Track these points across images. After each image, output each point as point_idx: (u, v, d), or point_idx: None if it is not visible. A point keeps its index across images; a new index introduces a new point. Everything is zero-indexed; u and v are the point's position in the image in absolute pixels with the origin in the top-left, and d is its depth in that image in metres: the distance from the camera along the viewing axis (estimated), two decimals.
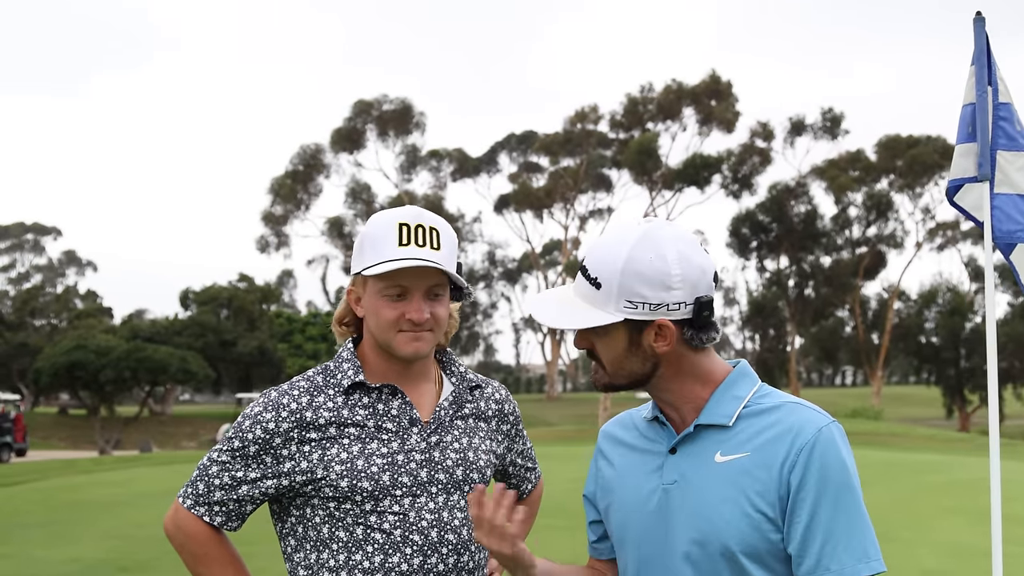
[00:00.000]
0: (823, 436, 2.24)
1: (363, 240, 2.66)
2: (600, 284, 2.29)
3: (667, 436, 2.41)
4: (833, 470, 2.22)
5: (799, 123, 78.40)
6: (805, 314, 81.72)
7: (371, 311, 2.67)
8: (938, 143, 76.39)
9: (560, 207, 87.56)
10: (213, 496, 2.63)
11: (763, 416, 2.31)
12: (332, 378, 2.69)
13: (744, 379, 2.39)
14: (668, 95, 76.08)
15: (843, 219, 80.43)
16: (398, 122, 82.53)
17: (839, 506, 2.20)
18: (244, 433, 2.63)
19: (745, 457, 2.27)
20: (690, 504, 2.30)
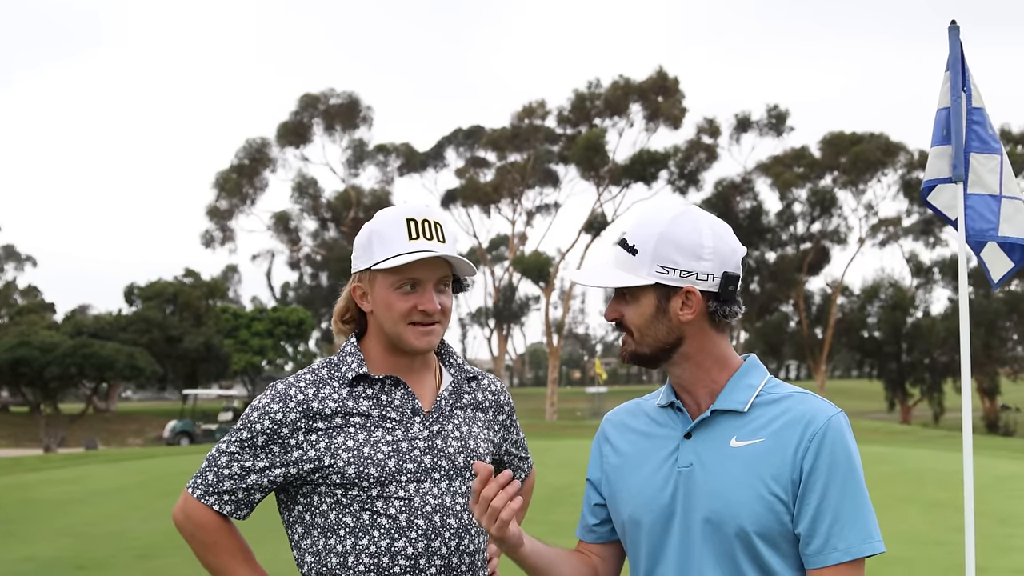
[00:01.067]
0: (832, 424, 2.38)
1: (371, 236, 2.76)
2: (636, 250, 2.45)
3: (682, 421, 2.53)
4: (841, 456, 2.36)
5: (745, 120, 78.98)
6: (750, 309, 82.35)
7: (382, 305, 2.75)
8: (881, 140, 77.29)
9: (507, 202, 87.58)
10: (222, 486, 2.71)
11: (775, 404, 2.45)
12: (336, 371, 2.78)
13: (756, 369, 2.55)
14: (615, 91, 76.34)
15: (788, 215, 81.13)
16: (345, 116, 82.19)
17: (846, 490, 2.34)
18: (253, 424, 2.71)
19: (760, 443, 2.40)
20: (707, 486, 2.41)
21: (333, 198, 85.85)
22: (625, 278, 2.46)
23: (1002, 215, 5.33)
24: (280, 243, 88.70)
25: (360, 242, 2.80)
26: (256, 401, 2.76)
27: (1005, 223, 5.33)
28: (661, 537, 2.48)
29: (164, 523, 13.39)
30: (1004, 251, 5.47)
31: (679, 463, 2.48)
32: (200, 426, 52.67)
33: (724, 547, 2.38)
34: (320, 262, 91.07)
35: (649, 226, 2.46)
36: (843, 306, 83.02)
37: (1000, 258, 5.54)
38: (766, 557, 2.37)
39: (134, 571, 10.28)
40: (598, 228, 78.07)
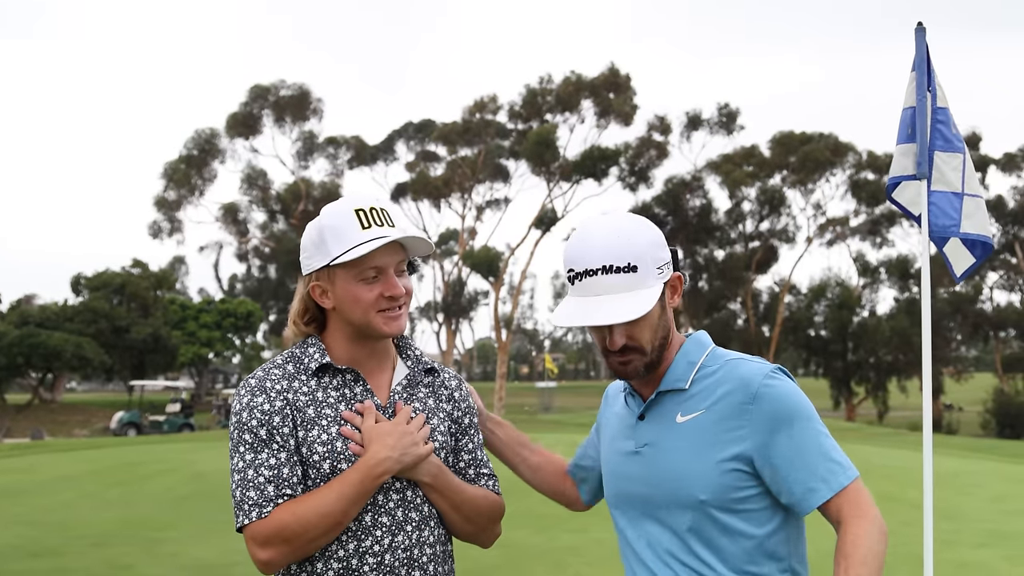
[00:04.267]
0: (768, 382, 2.50)
1: (322, 233, 2.73)
2: (636, 266, 2.50)
3: (637, 404, 2.70)
4: (790, 405, 2.48)
5: (696, 118, 79.44)
6: (698, 306, 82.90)
7: (347, 298, 2.73)
8: (830, 140, 78.05)
9: (457, 197, 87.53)
10: (267, 492, 2.58)
11: (712, 376, 2.57)
12: (300, 363, 2.75)
13: (696, 346, 2.67)
14: (567, 87, 76.47)
15: (737, 213, 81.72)
16: (295, 108, 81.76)
17: (806, 433, 2.47)
18: (247, 422, 2.65)
19: (702, 414, 2.53)
20: (660, 464, 2.57)
21: (283, 190, 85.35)
22: (646, 296, 2.50)
23: (964, 212, 5.51)
24: (228, 235, 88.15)
25: (311, 241, 2.76)
26: (236, 404, 2.70)
27: (966, 220, 5.52)
28: (630, 514, 2.67)
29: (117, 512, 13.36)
30: (967, 247, 5.67)
31: (636, 444, 2.65)
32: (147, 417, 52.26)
33: (686, 518, 2.52)
34: (268, 254, 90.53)
35: (632, 242, 2.52)
36: (790, 304, 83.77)
37: (963, 254, 5.72)
38: (726, 521, 2.49)
39: (88, 558, 10.24)
40: (548, 224, 78.17)
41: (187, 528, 11.91)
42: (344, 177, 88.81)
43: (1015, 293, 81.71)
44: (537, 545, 10.99)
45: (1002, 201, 78.36)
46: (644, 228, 2.56)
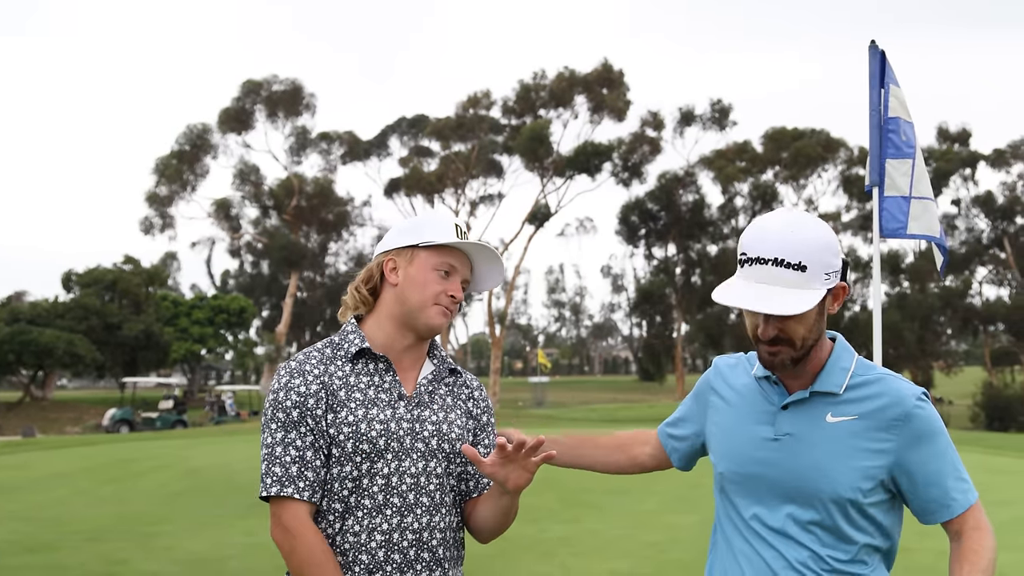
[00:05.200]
0: (917, 403, 2.68)
1: (421, 221, 3.03)
2: (806, 266, 2.57)
3: (778, 393, 2.80)
4: (935, 428, 2.68)
5: (689, 113, 79.61)
6: (691, 301, 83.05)
7: (416, 282, 2.95)
8: (821, 136, 78.31)
9: (451, 192, 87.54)
10: (291, 471, 2.76)
11: (867, 386, 2.72)
12: (340, 349, 2.93)
13: (846, 352, 2.80)
14: (560, 82, 76.52)
15: (729, 208, 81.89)
16: (288, 103, 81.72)
17: (945, 453, 2.69)
18: (282, 403, 2.82)
19: (854, 420, 2.69)
20: (804, 457, 2.71)
21: (275, 186, 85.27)
22: (807, 300, 2.57)
23: (911, 214, 5.91)
24: (221, 230, 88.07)
25: (407, 224, 3.04)
26: (274, 384, 2.86)
27: (913, 222, 5.92)
28: (760, 493, 2.78)
29: (111, 508, 13.38)
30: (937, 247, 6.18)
31: (776, 431, 2.77)
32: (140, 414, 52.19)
33: (821, 509, 2.68)
34: (261, 250, 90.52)
35: (807, 240, 2.58)
36: None
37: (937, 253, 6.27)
38: (851, 519, 2.69)
39: (83, 554, 10.26)
40: (542, 219, 78.24)
41: (181, 523, 11.94)
42: (337, 172, 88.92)
43: (1004, 288, 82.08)
44: (528, 535, 11.02)
45: (991, 197, 78.64)
46: (822, 232, 2.62)
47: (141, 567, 9.65)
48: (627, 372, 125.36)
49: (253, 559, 9.87)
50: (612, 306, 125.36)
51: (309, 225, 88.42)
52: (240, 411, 57.09)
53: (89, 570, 9.54)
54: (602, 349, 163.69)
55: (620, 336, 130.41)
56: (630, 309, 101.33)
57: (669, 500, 13.53)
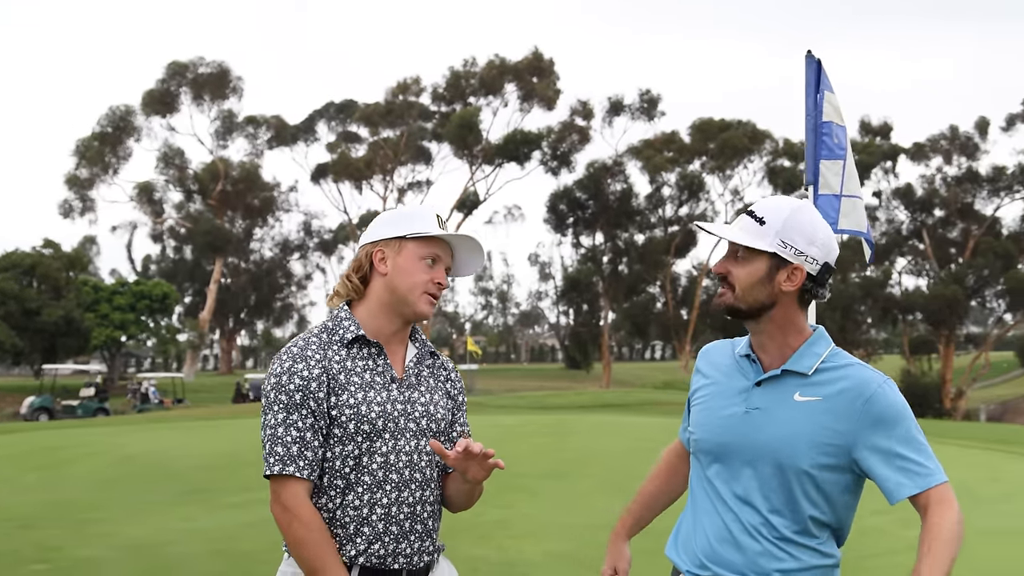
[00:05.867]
0: (881, 389, 2.90)
1: (407, 213, 3.20)
2: (764, 221, 2.92)
3: (755, 371, 3.04)
4: (898, 410, 2.90)
5: (618, 103, 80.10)
6: (618, 290, 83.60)
7: (405, 269, 3.13)
8: (748, 128, 79.20)
9: (379, 178, 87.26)
10: (292, 451, 2.95)
11: (835, 371, 2.96)
12: (334, 335, 3.11)
13: (822, 340, 3.05)
14: (491, 70, 76.62)
15: (657, 198, 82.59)
16: (214, 86, 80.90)
17: (908, 435, 2.88)
18: (285, 386, 2.99)
19: (819, 401, 2.92)
20: (771, 429, 2.94)
21: (200, 170, 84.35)
22: (750, 240, 2.92)
23: (841, 211, 6.41)
24: (143, 215, 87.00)
25: (393, 215, 3.22)
26: (276, 368, 3.03)
27: (843, 218, 6.42)
28: (729, 462, 3.02)
29: (39, 495, 13.08)
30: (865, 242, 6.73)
31: (748, 405, 3.00)
32: (60, 402, 51.24)
33: (780, 479, 2.92)
34: (184, 235, 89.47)
35: (779, 207, 2.95)
36: (708, 288, 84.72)
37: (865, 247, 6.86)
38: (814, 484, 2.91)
39: (16, 540, 10.02)
40: (470, 206, 78.33)
41: (117, 509, 11.73)
42: (264, 157, 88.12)
43: (923, 278, 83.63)
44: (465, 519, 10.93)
45: (911, 189, 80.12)
46: (807, 217, 2.96)
47: (77, 553, 9.47)
48: (554, 360, 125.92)
49: (192, 544, 9.75)
50: (539, 294, 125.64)
51: (234, 210, 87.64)
52: (164, 399, 56.28)
53: (23, 556, 9.33)
54: (529, 337, 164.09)
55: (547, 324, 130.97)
56: (557, 297, 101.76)
57: (602, 484, 13.59)
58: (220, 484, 13.29)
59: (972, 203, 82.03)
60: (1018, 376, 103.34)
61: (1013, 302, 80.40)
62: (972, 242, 80.00)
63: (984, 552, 8.98)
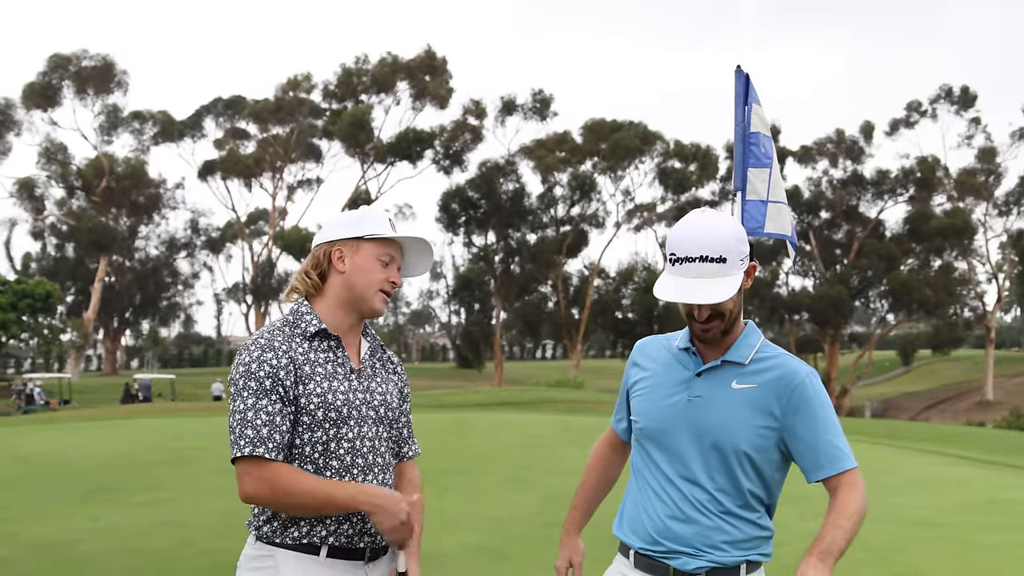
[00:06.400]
0: (807, 379, 3.25)
1: (364, 215, 3.42)
2: (725, 258, 3.16)
3: (695, 363, 3.36)
4: (824, 397, 3.26)
5: (510, 103, 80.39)
6: (510, 289, 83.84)
7: (362, 269, 3.36)
8: (639, 128, 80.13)
9: (268, 176, 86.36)
10: (262, 433, 3.10)
11: (767, 361, 3.31)
12: (297, 328, 3.30)
13: (755, 333, 3.39)
14: (383, 68, 76.42)
15: (549, 198, 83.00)
16: (98, 80, 79.18)
17: (825, 422, 3.23)
18: (255, 373, 3.15)
19: (754, 388, 3.25)
20: (712, 415, 3.26)
21: (84, 166, 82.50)
22: (730, 282, 3.17)
23: (767, 216, 6.87)
24: (23, 211, 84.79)
25: (351, 216, 3.42)
26: (244, 357, 3.18)
27: (769, 222, 6.88)
28: (673, 446, 3.31)
29: None
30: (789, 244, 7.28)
31: (691, 392, 3.31)
32: None
33: (722, 459, 3.25)
34: (67, 232, 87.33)
35: (720, 238, 3.17)
36: (599, 288, 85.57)
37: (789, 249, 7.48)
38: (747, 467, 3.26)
39: None
40: (362, 205, 77.92)
41: (19, 510, 11.36)
42: (150, 153, 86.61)
43: (808, 279, 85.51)
44: None
45: (798, 191, 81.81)
46: (731, 226, 3.24)
47: None
48: (445, 359, 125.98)
49: (102, 543, 9.50)
50: (430, 293, 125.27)
51: (119, 207, 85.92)
52: (50, 400, 54.85)
53: None
54: (420, 336, 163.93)
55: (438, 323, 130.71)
56: (449, 296, 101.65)
57: (505, 480, 13.66)
58: (123, 484, 12.96)
59: (857, 205, 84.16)
60: (900, 374, 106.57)
61: (895, 303, 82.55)
62: (857, 244, 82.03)
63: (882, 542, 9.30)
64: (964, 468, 16.49)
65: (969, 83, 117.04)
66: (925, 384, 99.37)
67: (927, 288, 79.32)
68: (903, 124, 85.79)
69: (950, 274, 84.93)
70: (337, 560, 3.22)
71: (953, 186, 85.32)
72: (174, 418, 28.40)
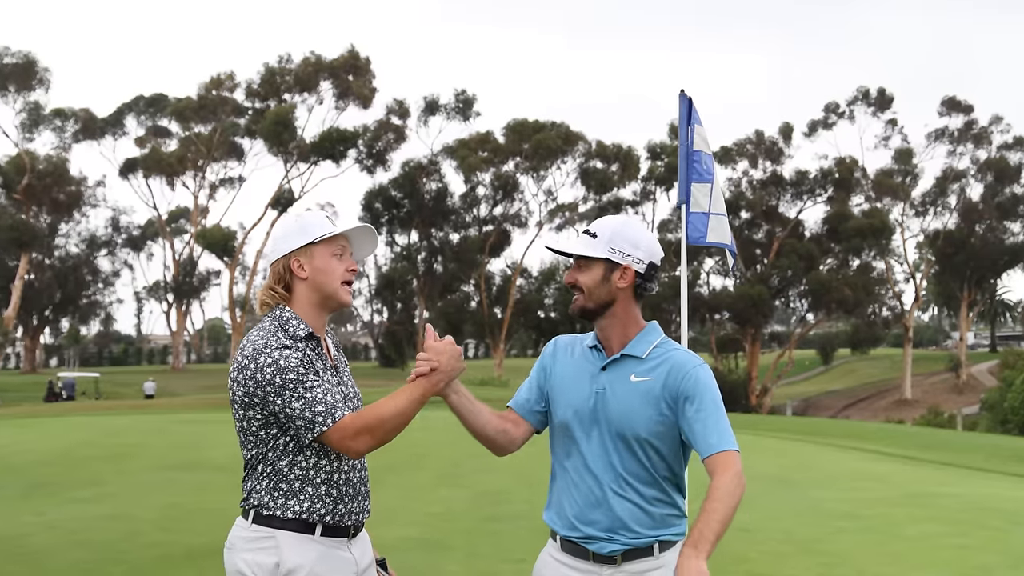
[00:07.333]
0: (696, 369, 3.57)
1: (306, 222, 3.64)
2: (596, 235, 3.60)
3: (600, 359, 3.68)
4: (711, 386, 3.55)
5: (433, 103, 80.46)
6: (433, 288, 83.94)
7: (322, 269, 3.59)
8: (561, 129, 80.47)
9: (191, 174, 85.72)
10: (329, 401, 3.37)
11: (663, 355, 3.63)
12: (286, 331, 3.51)
13: (655, 331, 3.72)
14: (306, 67, 76.17)
15: (472, 198, 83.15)
16: (20, 77, 78.05)
17: (710, 408, 3.49)
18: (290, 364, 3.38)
19: (651, 380, 3.57)
20: (614, 405, 3.59)
21: (5, 163, 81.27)
22: (585, 250, 3.60)
23: (709, 227, 7.54)
24: None
25: (293, 227, 3.63)
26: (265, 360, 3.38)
27: (711, 232, 7.55)
28: (585, 435, 3.63)
29: None
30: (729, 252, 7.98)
31: (596, 386, 3.64)
32: None
33: (627, 446, 3.55)
34: None
35: (609, 223, 3.64)
36: (521, 287, 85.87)
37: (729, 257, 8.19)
38: (650, 449, 3.57)
39: None
40: (285, 204, 77.63)
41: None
42: (71, 151, 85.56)
43: (729, 279, 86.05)
44: None
45: None
46: (631, 228, 3.64)
47: None
48: (367, 358, 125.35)
49: (50, 536, 9.83)
50: (354, 292, 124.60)
51: (40, 205, 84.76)
52: None
53: None
54: (341, 335, 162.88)
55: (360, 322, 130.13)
56: (371, 295, 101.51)
57: (438, 476, 14.14)
58: (64, 479, 13.31)
59: (776, 206, 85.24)
60: (820, 373, 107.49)
61: (815, 302, 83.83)
62: (776, 244, 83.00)
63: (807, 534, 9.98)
64: (884, 464, 17.28)
65: (886, 85, 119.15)
66: (845, 383, 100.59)
67: (846, 288, 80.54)
68: (821, 125, 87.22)
69: (868, 274, 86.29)
70: (327, 538, 3.49)
71: (871, 187, 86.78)
72: (106, 416, 28.46)
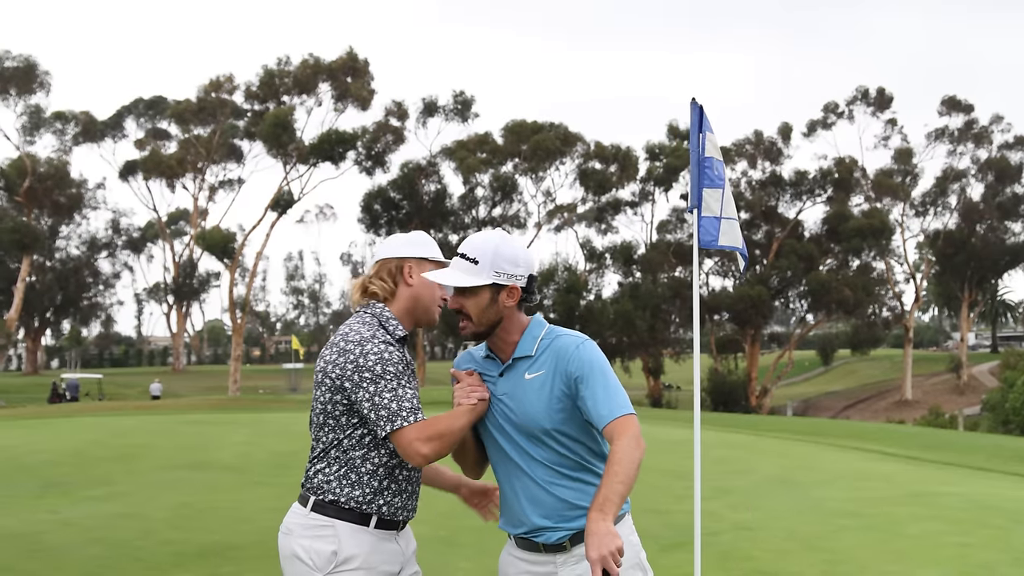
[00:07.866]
0: (580, 346, 3.69)
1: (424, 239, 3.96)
2: (477, 260, 3.68)
3: (496, 366, 3.84)
4: (595, 360, 3.67)
5: (432, 104, 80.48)
6: None
7: (427, 285, 3.86)
8: (560, 130, 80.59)
9: (190, 176, 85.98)
10: (414, 403, 3.62)
11: (549, 346, 3.75)
12: (385, 331, 3.77)
13: (537, 325, 3.83)
14: (305, 69, 76.21)
15: (470, 199, 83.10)
16: (21, 80, 78.25)
17: (599, 380, 3.63)
18: (391, 359, 3.65)
19: (542, 373, 3.71)
20: (516, 406, 3.74)
21: (6, 166, 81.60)
22: (472, 280, 3.67)
23: (721, 230, 7.65)
24: None
25: (415, 239, 3.94)
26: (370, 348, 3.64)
27: (723, 236, 7.64)
28: (506, 440, 3.79)
29: None
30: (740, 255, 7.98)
31: (498, 392, 3.80)
32: None
33: (540, 441, 3.71)
34: None
35: (486, 246, 3.70)
36: None
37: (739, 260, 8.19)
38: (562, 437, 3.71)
39: None
40: (284, 206, 77.80)
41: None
42: (72, 154, 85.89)
43: (728, 279, 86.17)
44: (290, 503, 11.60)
45: None
46: (509, 247, 3.73)
47: None
48: None
49: (65, 534, 9.96)
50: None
51: (41, 207, 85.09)
52: None
53: None
54: None
55: None
56: None
57: None
58: (76, 478, 13.50)
59: (776, 206, 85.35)
60: (820, 374, 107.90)
61: (815, 303, 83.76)
62: (776, 244, 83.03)
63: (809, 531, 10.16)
64: (886, 463, 17.36)
65: (885, 84, 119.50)
66: (845, 383, 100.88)
67: (846, 288, 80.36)
68: (820, 125, 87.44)
69: (868, 274, 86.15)
70: (379, 530, 3.71)
71: (870, 187, 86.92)
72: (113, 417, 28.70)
